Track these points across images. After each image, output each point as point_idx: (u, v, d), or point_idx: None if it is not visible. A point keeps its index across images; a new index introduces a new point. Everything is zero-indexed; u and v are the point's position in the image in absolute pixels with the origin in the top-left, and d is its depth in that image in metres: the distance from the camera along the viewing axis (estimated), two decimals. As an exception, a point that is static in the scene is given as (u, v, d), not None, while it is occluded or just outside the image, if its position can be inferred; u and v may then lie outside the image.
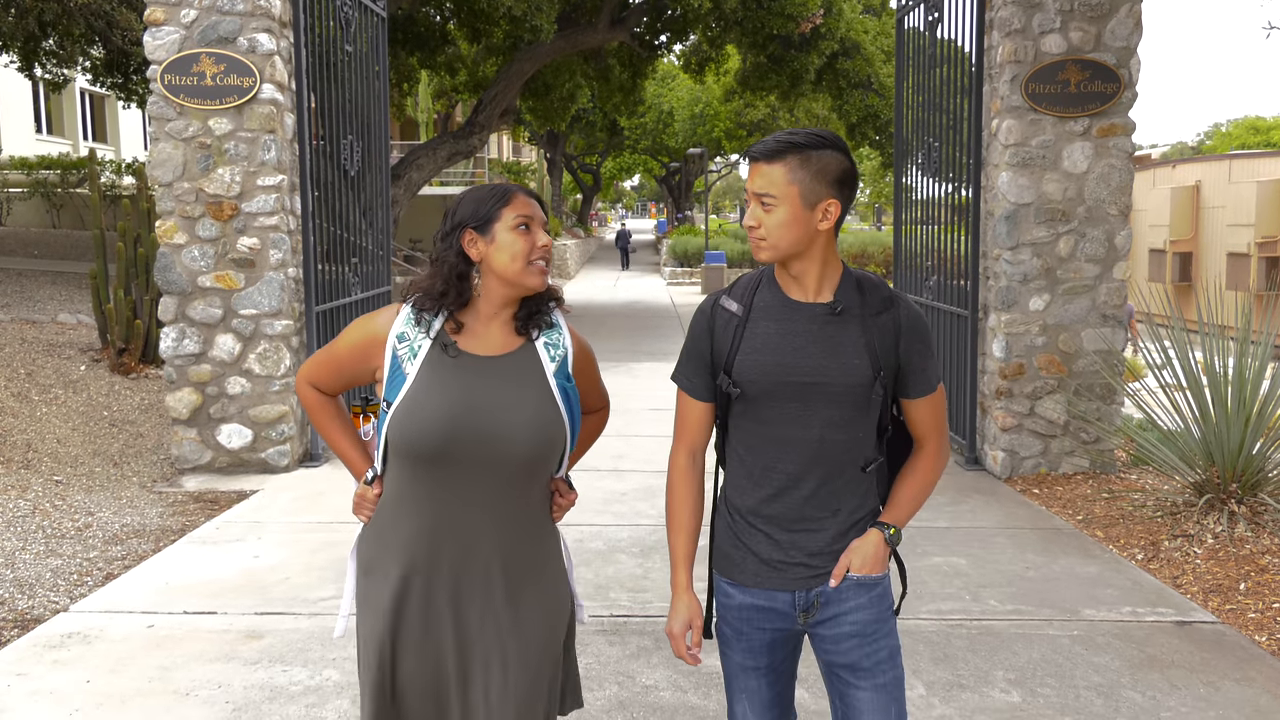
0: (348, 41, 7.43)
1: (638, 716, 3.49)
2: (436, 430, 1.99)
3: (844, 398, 2.03)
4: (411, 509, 2.07)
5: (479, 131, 15.32)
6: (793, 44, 16.56)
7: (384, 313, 2.13)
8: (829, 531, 2.09)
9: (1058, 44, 6.50)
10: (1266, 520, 5.23)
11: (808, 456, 2.06)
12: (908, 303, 2.09)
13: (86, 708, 3.53)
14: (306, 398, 2.24)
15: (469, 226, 2.05)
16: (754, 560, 2.13)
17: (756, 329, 2.07)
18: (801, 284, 2.06)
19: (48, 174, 18.22)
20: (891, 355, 2.05)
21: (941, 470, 2.17)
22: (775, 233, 2.00)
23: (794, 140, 1.98)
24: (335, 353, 2.18)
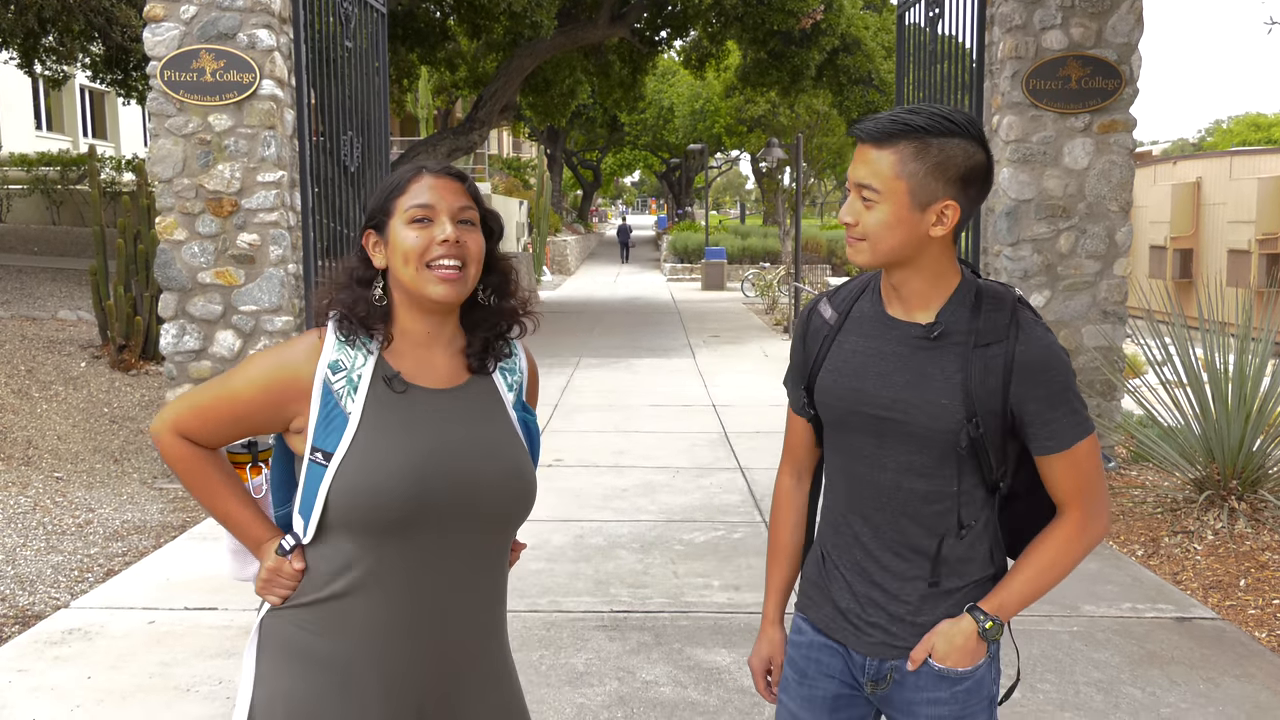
0: (347, 37, 7.42)
1: (638, 712, 3.49)
2: (407, 489, 1.57)
3: (925, 441, 1.67)
4: (375, 592, 1.61)
5: (479, 127, 15.31)
6: (793, 40, 16.54)
7: (301, 342, 1.66)
8: (913, 599, 1.73)
9: (1059, 40, 6.50)
10: (1267, 517, 5.23)
11: (881, 504, 1.73)
12: (1035, 332, 1.65)
13: (87, 704, 3.54)
14: (176, 454, 1.69)
15: (369, 226, 1.68)
16: (830, 606, 1.82)
17: (844, 344, 1.76)
18: (902, 296, 1.70)
19: (48, 170, 18.20)
20: (997, 399, 1.63)
21: (1085, 548, 1.71)
22: (874, 234, 1.63)
23: (912, 122, 1.60)
24: (231, 396, 1.66)
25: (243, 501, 1.73)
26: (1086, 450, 1.66)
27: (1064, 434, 1.65)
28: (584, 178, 50.31)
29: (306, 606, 1.64)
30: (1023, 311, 1.66)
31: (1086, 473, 1.67)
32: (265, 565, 1.67)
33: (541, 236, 26.66)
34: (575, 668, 3.82)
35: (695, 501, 6.09)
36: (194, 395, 1.70)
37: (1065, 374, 1.64)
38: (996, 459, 1.68)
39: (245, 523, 1.72)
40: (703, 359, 12.49)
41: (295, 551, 1.65)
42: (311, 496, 1.61)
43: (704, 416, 8.78)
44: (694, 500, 6.12)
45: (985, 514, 1.73)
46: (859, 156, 1.65)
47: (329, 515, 1.59)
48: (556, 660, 3.87)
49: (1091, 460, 1.68)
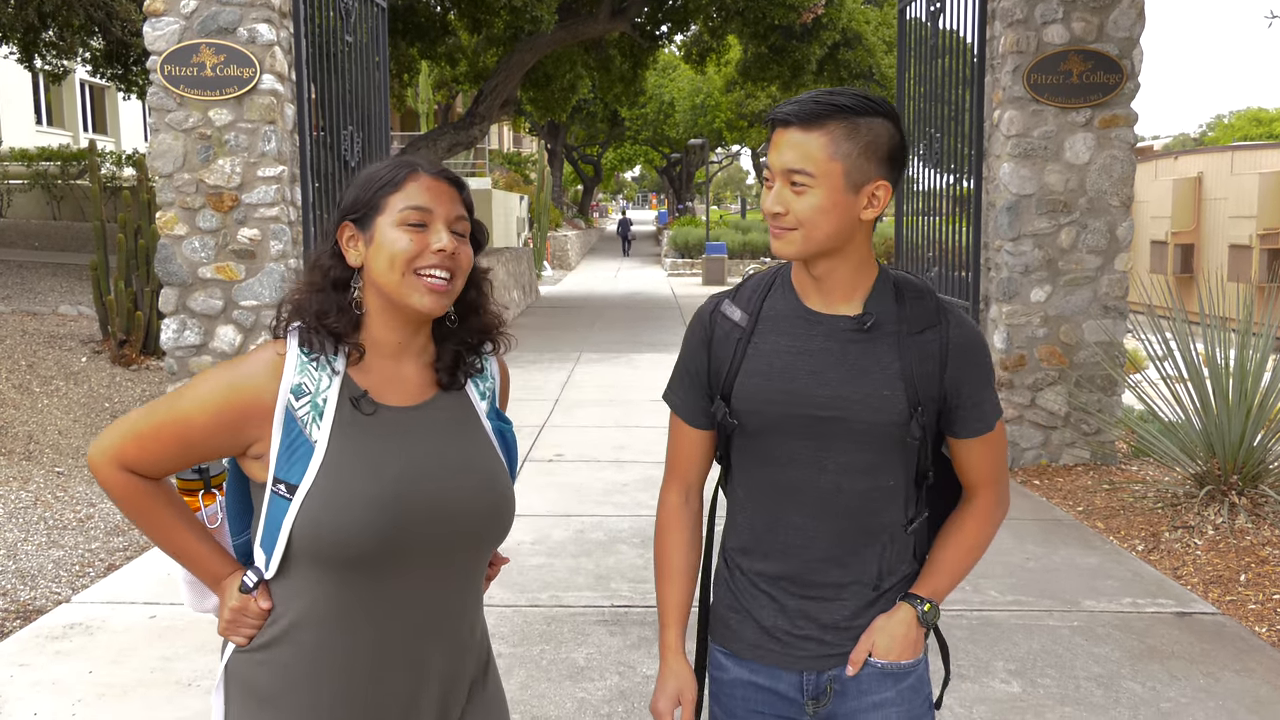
0: (348, 32, 7.41)
1: (638, 706, 3.50)
2: (377, 521, 1.46)
3: (869, 438, 1.60)
4: (347, 628, 1.50)
5: (479, 122, 15.29)
6: (794, 34, 16.53)
7: (259, 359, 1.51)
8: (849, 603, 1.66)
9: (1060, 34, 6.49)
10: (1267, 512, 5.23)
11: (821, 508, 1.64)
12: (960, 317, 1.64)
13: (89, 698, 3.54)
14: (117, 487, 1.52)
15: (347, 218, 1.53)
16: (753, 627, 1.70)
17: (763, 345, 1.64)
18: (824, 289, 1.62)
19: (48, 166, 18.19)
20: (934, 384, 1.60)
21: (996, 527, 1.72)
22: (809, 221, 1.54)
23: (839, 102, 1.53)
24: (179, 420, 1.49)
25: (197, 534, 1.57)
26: (1000, 432, 1.69)
27: (990, 415, 1.66)
28: (584, 173, 50.28)
29: (273, 647, 1.52)
30: (943, 300, 1.68)
31: (1000, 453, 1.70)
32: (228, 605, 1.54)
33: (542, 232, 26.64)
34: (576, 662, 3.82)
35: (696, 496, 6.09)
36: (135, 421, 1.52)
37: (988, 357, 1.69)
38: (932, 448, 1.68)
39: (201, 557, 1.57)
40: (703, 354, 12.47)
41: (260, 588, 1.52)
42: (274, 530, 1.48)
43: (704, 411, 8.76)
44: (694, 495, 6.11)
45: (912, 507, 1.69)
46: (782, 142, 1.55)
47: (294, 550, 1.47)
48: (557, 655, 3.87)
49: (1003, 442, 1.71)
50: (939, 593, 1.68)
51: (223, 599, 1.56)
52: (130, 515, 1.56)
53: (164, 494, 1.56)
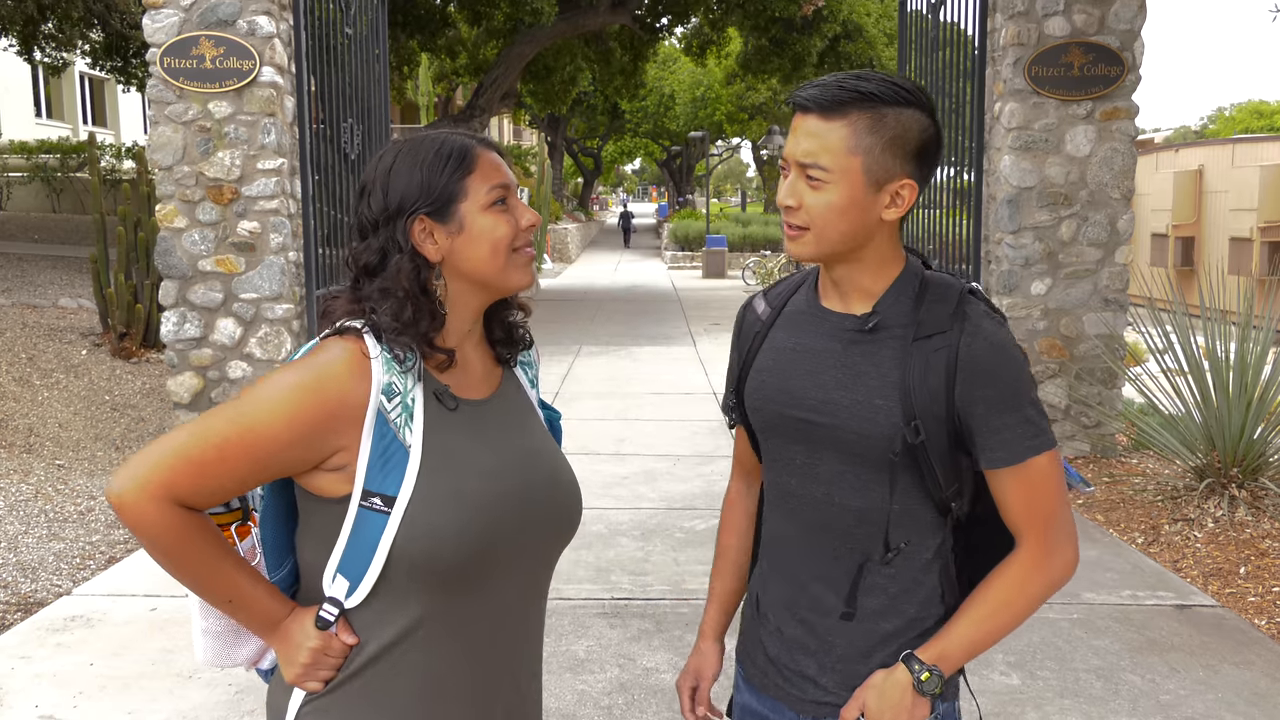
0: (347, 24, 7.39)
1: (638, 699, 3.50)
2: (480, 524, 1.35)
3: (858, 450, 1.44)
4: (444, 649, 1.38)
5: (479, 115, 15.28)
6: (795, 27, 16.51)
7: (334, 358, 1.32)
8: (843, 644, 1.48)
9: (1061, 27, 6.47)
10: (1267, 505, 5.24)
11: (811, 523, 1.50)
12: (980, 325, 1.41)
13: (89, 690, 3.55)
14: (170, 526, 1.28)
15: (421, 211, 1.36)
16: (762, 653, 1.57)
17: (774, 341, 1.55)
18: (841, 289, 1.48)
19: (47, 158, 18.18)
20: (939, 401, 1.40)
21: (1045, 586, 1.43)
22: (821, 220, 1.40)
23: (864, 89, 1.37)
24: (253, 435, 1.28)
25: (248, 574, 1.36)
26: (1044, 468, 1.40)
27: (1014, 445, 1.40)
28: (585, 165, 50.22)
29: (357, 683, 1.36)
30: (972, 302, 1.43)
31: (1043, 495, 1.41)
32: (306, 645, 1.34)
33: (542, 224, 26.64)
34: (576, 655, 3.83)
35: (696, 489, 6.10)
36: (183, 444, 1.28)
37: (1017, 374, 1.40)
38: (945, 473, 1.43)
39: (256, 600, 1.36)
40: (704, 347, 12.48)
41: (340, 622, 1.35)
42: (366, 550, 1.31)
43: (705, 404, 8.78)
44: (695, 488, 6.12)
45: (933, 541, 1.47)
46: (801, 129, 1.40)
47: (391, 570, 1.31)
48: (558, 647, 3.88)
49: (1049, 481, 1.41)
50: (946, 657, 1.43)
51: (289, 642, 1.36)
52: (174, 560, 1.30)
53: (211, 529, 1.33)
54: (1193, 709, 3.42)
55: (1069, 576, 1.45)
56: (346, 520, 1.33)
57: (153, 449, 1.29)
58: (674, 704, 3.47)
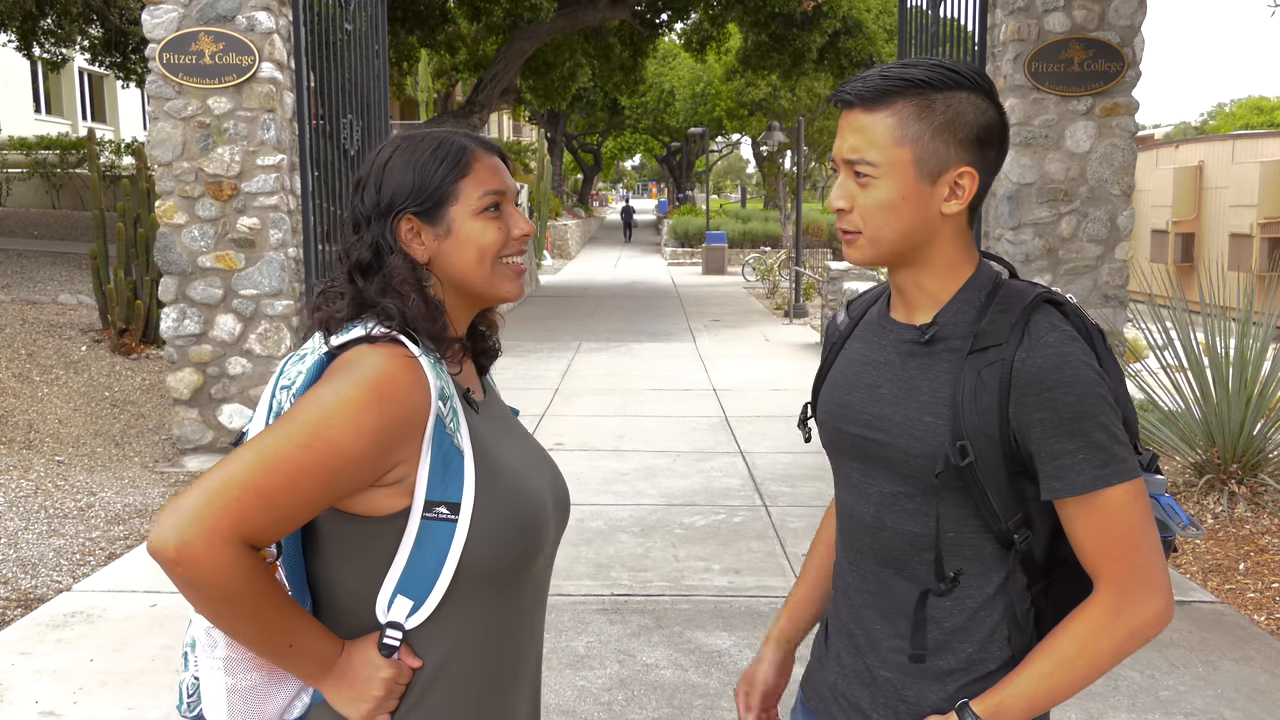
0: (347, 20, 7.38)
1: (638, 695, 3.50)
2: (537, 528, 1.35)
3: (906, 470, 1.34)
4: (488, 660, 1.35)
5: (479, 111, 15.27)
6: (794, 22, 16.49)
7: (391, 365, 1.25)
8: (895, 676, 1.38)
9: (1061, 22, 6.47)
10: (1266, 501, 5.24)
11: (865, 546, 1.41)
12: (1047, 338, 1.26)
13: (90, 686, 3.55)
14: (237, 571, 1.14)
15: (409, 210, 1.32)
16: (824, 679, 1.50)
17: (848, 352, 1.48)
18: (905, 297, 1.39)
19: (47, 154, 18.16)
20: (992, 420, 1.27)
21: (1125, 637, 1.26)
22: (875, 221, 1.31)
23: (910, 75, 1.29)
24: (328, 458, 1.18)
25: (306, 615, 1.26)
26: (1118, 502, 1.24)
27: (1076, 473, 1.24)
28: (584, 161, 50.18)
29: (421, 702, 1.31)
30: (1042, 312, 1.30)
31: (1119, 532, 1.24)
32: (379, 678, 1.26)
33: (542, 220, 26.61)
34: (576, 651, 3.83)
35: (696, 485, 6.10)
36: (247, 474, 1.15)
37: (1081, 393, 1.24)
38: (1001, 501, 1.29)
39: (317, 641, 1.26)
40: (703, 343, 12.48)
41: (402, 646, 1.29)
42: (433, 563, 1.26)
43: (705, 400, 8.78)
44: (694, 484, 6.13)
45: (996, 576, 1.33)
46: (847, 126, 1.33)
47: (460, 579, 1.27)
48: (557, 644, 3.88)
49: (1126, 517, 1.24)
50: (1003, 712, 1.28)
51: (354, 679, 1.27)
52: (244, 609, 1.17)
53: (268, 569, 1.22)
54: (1192, 705, 3.42)
55: (1156, 631, 1.27)
56: (407, 536, 1.26)
57: (207, 485, 1.15)
58: (673, 699, 3.47)
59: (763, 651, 1.64)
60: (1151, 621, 1.27)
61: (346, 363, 1.25)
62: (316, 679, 1.28)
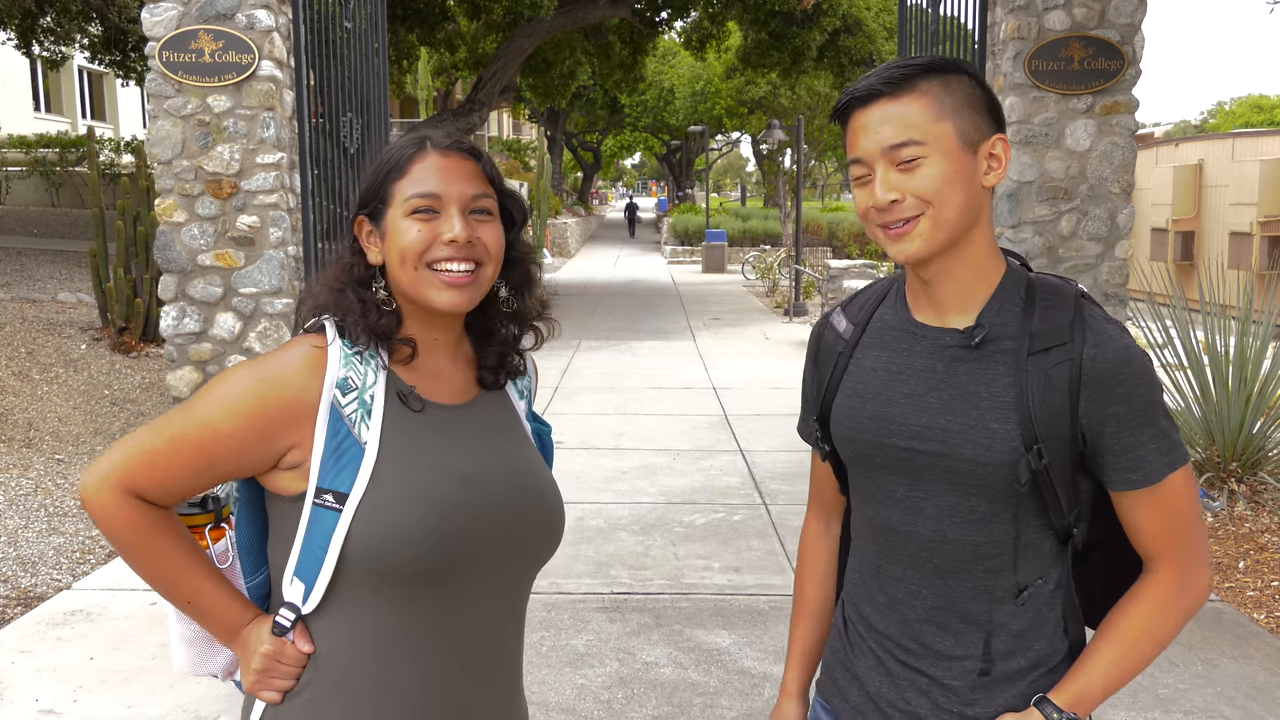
0: (346, 18, 7.38)
1: (638, 693, 3.51)
2: (440, 529, 1.28)
3: (972, 480, 1.31)
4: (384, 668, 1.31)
5: (479, 109, 15.26)
6: (794, 21, 16.48)
7: (293, 354, 1.32)
8: (963, 681, 1.35)
9: (1061, 20, 6.47)
10: (1266, 499, 5.24)
11: (921, 560, 1.37)
12: (1104, 333, 1.29)
13: (90, 684, 3.55)
14: (123, 521, 1.28)
15: (361, 212, 1.37)
16: (858, 690, 1.45)
17: (863, 361, 1.42)
18: (936, 295, 1.35)
19: (46, 152, 18.15)
20: (1063, 420, 1.27)
21: (1183, 614, 1.33)
22: (937, 196, 1.27)
23: (919, 62, 1.32)
24: (204, 432, 1.27)
25: (212, 577, 1.33)
26: (1180, 485, 1.29)
27: (1150, 463, 1.28)
28: (584, 160, 50.17)
29: (312, 694, 1.31)
30: (1089, 307, 1.32)
31: (1180, 514, 1.30)
32: (259, 651, 1.31)
33: (542, 219, 26.60)
34: (576, 649, 3.83)
35: (695, 483, 6.10)
36: (142, 439, 1.28)
37: (1149, 385, 1.28)
38: (1067, 499, 1.31)
39: (218, 605, 1.33)
40: (703, 341, 12.48)
41: (298, 628, 1.31)
42: (319, 551, 1.27)
43: (704, 399, 8.78)
44: (694, 482, 6.13)
45: (1055, 572, 1.35)
46: (869, 121, 1.30)
47: (344, 571, 1.27)
48: (557, 642, 3.88)
49: (1186, 498, 1.30)
50: (1084, 701, 1.31)
51: (246, 650, 1.33)
52: (133, 555, 1.30)
53: (174, 528, 1.32)
54: (1191, 703, 3.42)
55: (1204, 602, 1.35)
56: (301, 519, 1.29)
57: (114, 448, 1.31)
58: (673, 698, 3.47)
59: (784, 708, 1.59)
60: (1203, 595, 1.34)
61: (275, 349, 1.35)
62: (225, 642, 1.35)
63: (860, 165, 1.31)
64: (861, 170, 1.31)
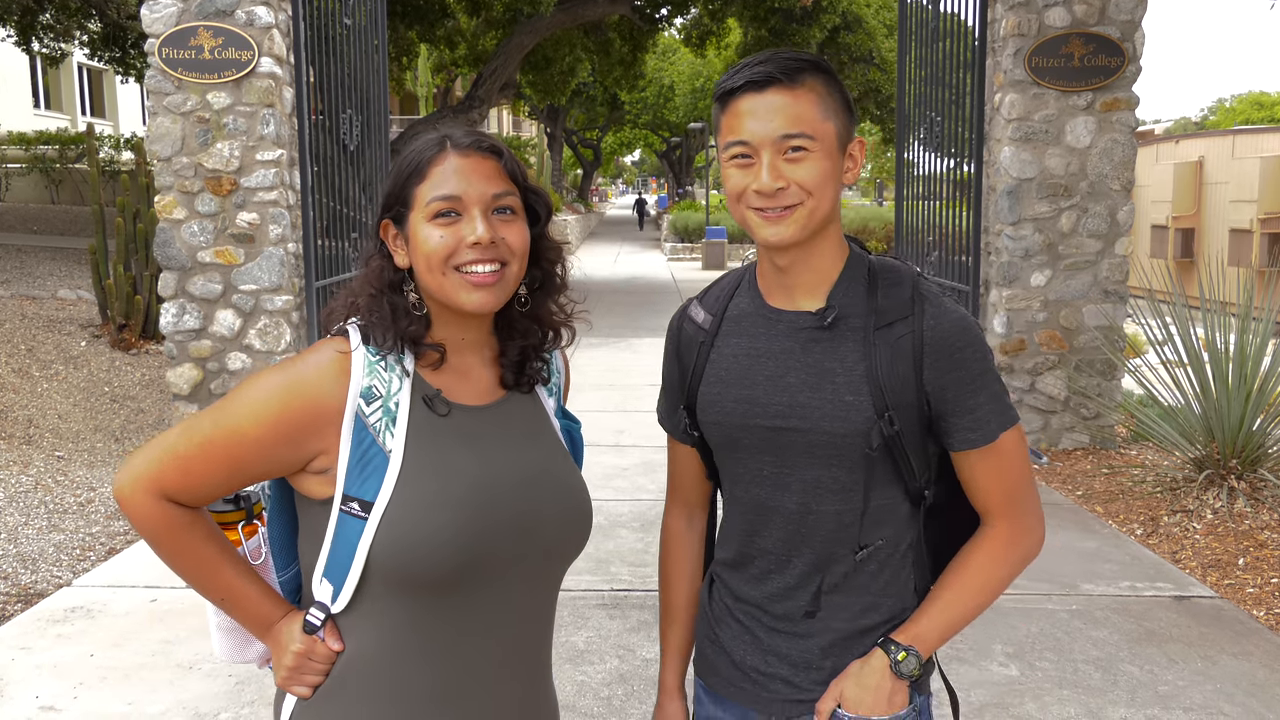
0: (346, 14, 7.37)
1: (638, 690, 3.51)
2: (463, 535, 1.29)
3: (833, 451, 1.39)
4: (411, 668, 1.33)
5: (479, 106, 15.25)
6: (794, 17, 16.48)
7: (319, 359, 1.32)
8: (819, 639, 1.45)
9: (1061, 17, 6.46)
10: (1266, 496, 5.24)
11: (789, 532, 1.45)
12: (941, 305, 1.40)
13: (90, 681, 3.56)
14: (156, 521, 1.32)
15: (386, 216, 1.37)
16: (727, 662, 1.52)
17: (724, 349, 1.48)
18: (788, 280, 1.43)
19: (46, 149, 18.14)
20: (909, 388, 1.37)
21: (1018, 564, 1.45)
22: (819, 191, 1.35)
23: (805, 56, 1.38)
24: (233, 437, 1.30)
25: (245, 574, 1.38)
26: (1013, 443, 1.41)
27: (987, 423, 1.39)
28: (584, 157, 50.15)
29: (341, 693, 1.34)
30: (925, 284, 1.43)
31: (1014, 471, 1.42)
32: (290, 649, 1.35)
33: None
34: (576, 645, 3.83)
35: (695, 481, 6.10)
36: (173, 441, 1.32)
37: (983, 352, 1.39)
38: (919, 463, 1.41)
39: (250, 600, 1.37)
40: (703, 338, 12.47)
41: (328, 627, 1.34)
42: (346, 555, 1.30)
43: (704, 396, 8.77)
44: (694, 479, 6.13)
45: (908, 533, 1.46)
46: (762, 107, 1.34)
47: (370, 576, 1.29)
48: (557, 639, 3.88)
49: (1019, 456, 1.41)
50: (922, 638, 1.42)
51: (278, 645, 1.37)
52: (166, 553, 1.34)
53: (205, 527, 1.36)
54: (1191, 699, 3.42)
55: (1038, 552, 1.46)
56: (330, 523, 1.31)
57: (146, 448, 1.33)
58: (673, 695, 3.47)
59: (666, 705, 1.63)
60: (1036, 545, 1.46)
61: (300, 353, 1.35)
62: (259, 635, 1.39)
63: (744, 147, 1.36)
64: (744, 151, 1.36)
